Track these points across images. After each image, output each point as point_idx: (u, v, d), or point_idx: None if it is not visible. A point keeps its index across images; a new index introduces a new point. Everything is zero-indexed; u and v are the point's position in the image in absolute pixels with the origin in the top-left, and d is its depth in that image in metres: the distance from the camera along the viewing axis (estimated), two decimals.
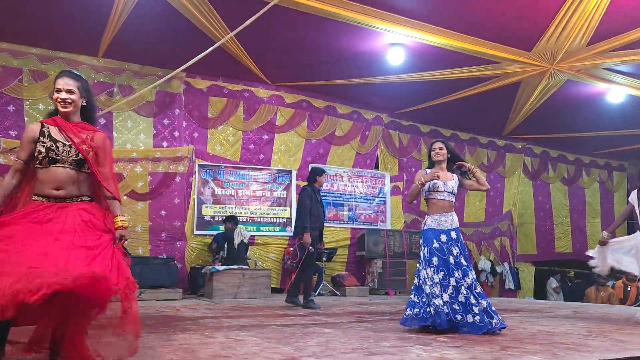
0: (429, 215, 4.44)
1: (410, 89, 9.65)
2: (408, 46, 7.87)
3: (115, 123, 8.64)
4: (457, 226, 4.38)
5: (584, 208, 14.18)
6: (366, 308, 6.55)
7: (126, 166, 8.52)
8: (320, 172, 6.98)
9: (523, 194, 13.23)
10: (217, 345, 3.28)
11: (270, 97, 9.92)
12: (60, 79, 2.76)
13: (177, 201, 8.84)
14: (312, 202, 6.61)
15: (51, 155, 2.65)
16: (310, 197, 6.63)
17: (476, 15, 7.02)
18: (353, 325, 4.63)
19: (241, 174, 9.66)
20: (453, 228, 4.34)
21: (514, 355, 3.06)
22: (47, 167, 2.66)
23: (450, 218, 4.37)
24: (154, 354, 2.94)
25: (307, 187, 6.80)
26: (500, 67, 8.51)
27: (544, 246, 13.39)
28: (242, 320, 4.82)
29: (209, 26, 7.29)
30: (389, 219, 11.11)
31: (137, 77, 8.75)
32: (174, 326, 4.31)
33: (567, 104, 10.10)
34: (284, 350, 3.14)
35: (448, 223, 4.34)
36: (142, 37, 7.68)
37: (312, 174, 6.95)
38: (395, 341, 3.59)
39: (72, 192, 2.68)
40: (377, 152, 11.24)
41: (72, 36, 7.71)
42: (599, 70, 8.58)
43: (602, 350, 3.25)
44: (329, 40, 7.81)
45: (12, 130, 7.85)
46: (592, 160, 14.30)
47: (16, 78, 7.90)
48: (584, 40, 7.45)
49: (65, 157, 2.68)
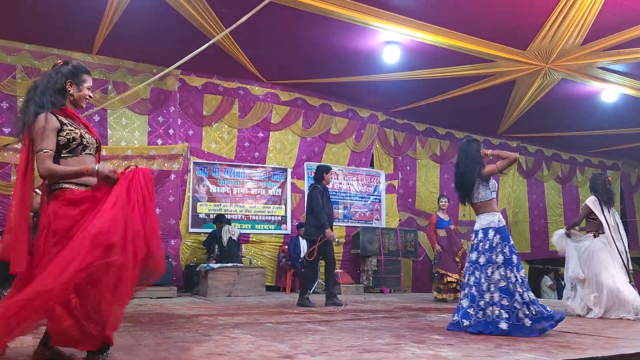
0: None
1: (406, 87, 9.65)
2: (403, 44, 7.88)
3: (110, 120, 8.60)
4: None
5: (577, 206, 14.24)
6: (361, 306, 6.55)
7: (120, 164, 8.47)
8: (327, 170, 6.91)
9: (517, 193, 13.28)
10: (212, 343, 3.27)
11: (266, 94, 9.90)
12: (88, 76, 2.82)
13: (172, 199, 8.81)
14: (323, 199, 6.58)
15: (84, 143, 2.70)
16: (321, 194, 6.59)
17: (471, 14, 7.03)
18: (348, 323, 4.63)
19: (236, 172, 9.64)
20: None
21: (508, 352, 3.07)
22: (79, 155, 2.67)
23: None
24: (148, 352, 2.93)
25: (317, 185, 6.75)
26: (495, 66, 8.53)
27: (537, 244, 13.44)
28: (237, 318, 4.82)
29: (204, 23, 7.26)
30: (384, 217, 11.12)
31: (132, 75, 8.71)
32: (168, 324, 4.30)
33: (562, 103, 10.14)
34: (279, 347, 3.14)
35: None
36: (136, 34, 7.65)
37: (319, 172, 6.90)
38: (390, 339, 3.59)
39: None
40: (372, 151, 11.24)
41: (67, 33, 7.67)
42: (593, 69, 8.62)
43: (596, 348, 3.27)
44: (324, 38, 7.80)
45: (6, 127, 7.80)
46: (586, 159, 14.37)
47: (10, 75, 7.85)
48: (578, 39, 7.48)
49: (91, 144, 2.76)
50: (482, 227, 4.26)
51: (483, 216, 4.30)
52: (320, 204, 6.52)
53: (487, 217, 4.27)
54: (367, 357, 2.89)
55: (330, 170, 6.98)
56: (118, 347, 3.03)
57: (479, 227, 4.30)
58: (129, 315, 4.92)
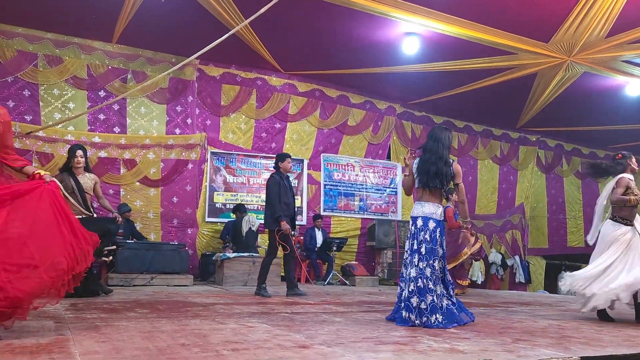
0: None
1: (424, 80, 9.56)
2: (423, 36, 7.80)
3: (129, 109, 8.67)
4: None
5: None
6: (376, 298, 6.55)
7: (139, 152, 8.57)
8: (283, 158, 6.55)
9: (536, 187, 13.12)
10: (229, 332, 3.30)
11: (283, 85, 9.89)
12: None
13: (189, 188, 8.88)
14: (280, 189, 6.28)
15: None
16: (278, 184, 6.29)
17: (493, 5, 6.93)
18: (363, 314, 4.64)
19: (253, 162, 9.67)
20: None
21: (526, 348, 3.04)
22: None
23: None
24: (166, 338, 2.96)
25: (274, 175, 6.45)
26: (516, 58, 8.41)
27: (555, 240, 13.29)
28: (253, 308, 4.85)
29: (223, 13, 7.26)
30: (399, 209, 11.08)
31: (151, 64, 8.76)
32: (185, 312, 4.34)
33: (584, 97, 9.97)
34: (295, 337, 3.15)
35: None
36: (156, 23, 7.68)
37: (276, 161, 6.60)
38: (406, 331, 3.59)
39: None
40: (389, 143, 11.19)
41: (87, 22, 7.74)
42: (617, 62, 8.45)
43: (615, 345, 3.22)
44: (343, 29, 7.75)
45: (28, 115, 7.92)
46: (607, 155, 14.10)
47: (31, 63, 7.95)
48: (603, 32, 7.32)
49: None
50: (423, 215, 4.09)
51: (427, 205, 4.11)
52: (276, 194, 6.23)
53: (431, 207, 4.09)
54: (383, 349, 2.88)
55: (287, 158, 6.56)
56: (136, 333, 3.08)
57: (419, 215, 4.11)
58: (147, 302, 4.99)
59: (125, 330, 3.22)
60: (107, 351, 2.53)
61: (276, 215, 6.14)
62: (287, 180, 6.49)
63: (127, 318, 3.79)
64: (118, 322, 3.57)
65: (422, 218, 4.07)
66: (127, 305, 4.63)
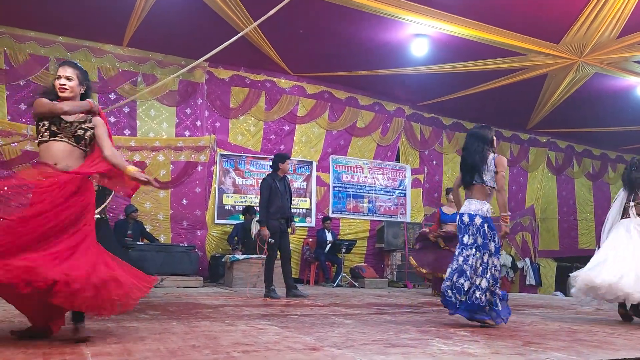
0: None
1: (433, 81, 9.54)
2: (432, 37, 7.78)
3: (139, 112, 8.74)
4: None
5: (609, 204, 13.87)
6: (385, 300, 6.54)
7: (149, 154, 8.62)
8: (283, 159, 6.44)
9: (546, 189, 13.03)
10: (239, 333, 3.30)
11: (292, 87, 9.91)
12: (61, 68, 3.03)
13: (199, 190, 8.92)
14: (271, 192, 6.22)
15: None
16: (269, 188, 6.23)
17: (502, 6, 6.89)
18: (373, 317, 4.63)
19: (262, 164, 9.69)
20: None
21: (537, 351, 3.02)
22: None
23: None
24: (177, 339, 2.98)
25: (266, 177, 6.41)
26: (526, 59, 8.36)
27: (566, 242, 13.18)
28: (263, 309, 4.86)
29: (232, 15, 7.29)
30: (409, 211, 11.05)
31: (161, 67, 8.82)
32: (195, 314, 4.36)
33: (595, 98, 9.89)
34: (305, 339, 3.15)
35: None
36: (165, 26, 7.73)
37: (275, 162, 6.45)
38: (416, 334, 3.57)
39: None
40: (398, 144, 11.16)
41: (98, 25, 7.81)
42: (629, 63, 8.37)
43: (628, 349, 3.18)
44: (352, 31, 7.76)
45: None
46: (618, 156, 14.00)
47: (43, 66, 8.03)
48: (614, 32, 7.26)
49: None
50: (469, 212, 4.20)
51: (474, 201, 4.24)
52: (265, 199, 6.18)
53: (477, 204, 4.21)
54: (393, 351, 2.87)
55: (286, 159, 6.49)
56: (147, 335, 3.10)
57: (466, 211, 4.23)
58: (157, 303, 5.02)
59: (137, 331, 3.24)
60: (119, 352, 2.55)
61: (261, 218, 6.31)
62: (282, 181, 6.43)
63: (138, 319, 3.82)
64: (129, 323, 3.59)
65: (468, 215, 4.22)
66: (138, 307, 4.65)
